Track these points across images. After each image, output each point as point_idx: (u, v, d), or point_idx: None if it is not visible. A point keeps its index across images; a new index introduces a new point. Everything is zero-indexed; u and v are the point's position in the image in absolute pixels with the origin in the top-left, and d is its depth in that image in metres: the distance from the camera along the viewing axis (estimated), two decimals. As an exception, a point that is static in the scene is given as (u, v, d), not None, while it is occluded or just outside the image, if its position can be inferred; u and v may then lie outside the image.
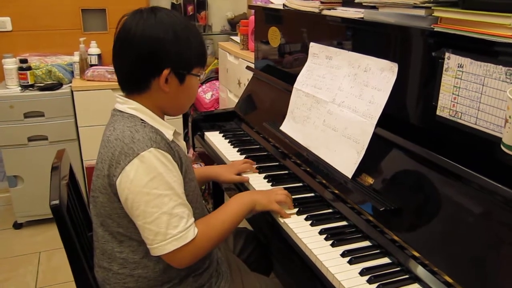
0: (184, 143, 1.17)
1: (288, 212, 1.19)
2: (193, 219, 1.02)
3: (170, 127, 1.08)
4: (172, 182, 0.98)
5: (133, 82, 1.06)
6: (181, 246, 0.98)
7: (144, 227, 0.98)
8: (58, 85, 2.58)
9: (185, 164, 1.07)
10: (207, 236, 1.04)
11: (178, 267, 1.04)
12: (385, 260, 1.02)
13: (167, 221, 0.96)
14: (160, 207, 0.96)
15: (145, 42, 1.00)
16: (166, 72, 1.02)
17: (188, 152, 2.93)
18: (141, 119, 1.03)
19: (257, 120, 1.74)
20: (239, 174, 1.42)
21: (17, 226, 2.68)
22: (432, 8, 1.04)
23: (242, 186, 1.41)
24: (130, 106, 1.05)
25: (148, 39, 1.00)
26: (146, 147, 0.97)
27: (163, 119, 1.09)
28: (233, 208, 1.13)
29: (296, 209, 1.21)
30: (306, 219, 1.17)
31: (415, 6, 1.09)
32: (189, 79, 1.07)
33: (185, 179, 1.06)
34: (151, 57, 1.01)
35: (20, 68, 2.51)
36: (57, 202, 1.05)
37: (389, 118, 1.18)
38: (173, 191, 0.98)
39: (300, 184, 1.36)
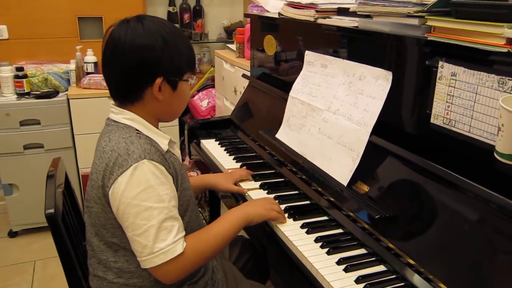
0: (179, 151, 1.16)
1: (283, 220, 1.20)
2: (183, 233, 1.01)
3: (165, 137, 1.08)
4: (163, 195, 0.97)
5: (125, 92, 1.05)
6: (168, 260, 0.96)
7: (133, 239, 0.98)
8: (54, 93, 2.58)
9: (180, 174, 1.07)
10: (197, 250, 1.02)
11: (167, 282, 1.01)
12: (381, 268, 1.02)
13: (155, 234, 0.95)
14: (149, 220, 0.95)
15: (136, 52, 0.99)
16: (159, 80, 1.01)
17: (184, 160, 2.93)
18: (136, 130, 1.03)
19: (253, 128, 1.75)
20: (237, 184, 1.42)
21: (12, 234, 2.66)
22: (426, 17, 1.06)
23: (239, 195, 1.41)
24: (125, 117, 1.05)
25: (138, 49, 0.99)
26: (139, 159, 0.96)
27: (157, 127, 1.09)
28: (226, 222, 1.11)
29: (291, 218, 1.21)
30: (302, 226, 1.17)
31: (409, 16, 1.10)
32: (181, 85, 1.07)
33: (180, 189, 1.06)
34: (143, 67, 1.00)
35: (16, 76, 2.51)
36: (52, 210, 1.04)
37: (384, 126, 1.19)
38: (163, 204, 0.97)
39: (296, 192, 1.36)
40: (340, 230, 1.17)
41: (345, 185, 1.21)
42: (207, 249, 1.05)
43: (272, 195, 1.32)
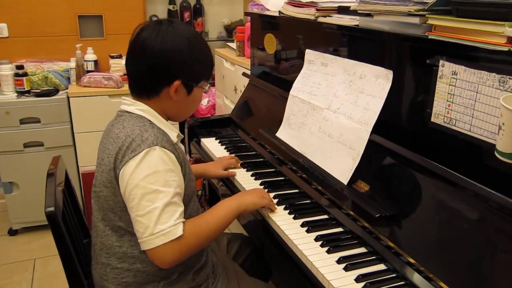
0: (183, 145, 1.20)
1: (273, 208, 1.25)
2: (183, 218, 1.04)
3: (174, 130, 1.13)
4: (170, 181, 1.01)
5: (144, 88, 1.10)
6: (168, 242, 0.99)
7: (136, 220, 1.01)
8: (54, 91, 2.57)
9: (187, 165, 1.12)
10: (194, 234, 1.04)
11: (163, 266, 1.03)
12: (381, 267, 1.02)
13: (158, 215, 0.98)
14: (153, 202, 0.99)
15: (162, 53, 1.05)
16: (177, 83, 1.07)
17: (184, 158, 2.93)
18: (149, 120, 1.08)
19: (253, 127, 1.74)
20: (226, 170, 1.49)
21: (12, 232, 2.66)
22: (426, 16, 1.05)
23: (232, 185, 1.43)
24: (139, 108, 1.09)
25: (166, 51, 1.05)
26: (152, 145, 1.01)
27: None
28: (221, 209, 1.14)
29: (292, 216, 1.21)
30: (302, 225, 1.17)
31: (410, 14, 1.10)
32: (196, 90, 1.13)
33: (187, 179, 1.10)
34: (166, 68, 1.06)
35: (16, 74, 2.50)
36: (52, 208, 1.04)
37: (384, 125, 1.19)
38: (169, 188, 1.01)
39: (296, 191, 1.36)
40: (340, 229, 1.17)
41: (346, 183, 1.21)
42: (203, 234, 1.07)
43: (272, 194, 1.32)
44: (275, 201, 1.28)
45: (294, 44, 1.67)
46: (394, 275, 0.99)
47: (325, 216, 1.22)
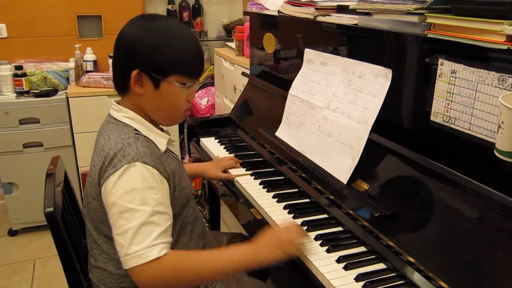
0: (178, 149, 1.17)
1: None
2: (164, 239, 0.96)
3: (164, 136, 1.09)
4: (148, 199, 0.96)
5: (116, 81, 1.09)
6: (141, 264, 0.93)
7: (114, 238, 0.97)
8: (53, 91, 2.57)
9: (177, 174, 1.07)
10: (175, 265, 0.96)
11: (142, 287, 0.97)
12: (381, 266, 1.02)
13: (132, 235, 0.93)
14: (129, 221, 0.94)
15: (123, 42, 1.03)
16: (134, 72, 1.02)
17: (184, 158, 2.93)
18: (135, 130, 1.04)
19: (253, 126, 1.74)
20: (226, 171, 1.47)
21: (12, 233, 2.66)
22: (425, 14, 1.05)
23: (231, 185, 1.42)
24: (125, 115, 1.06)
25: (126, 39, 1.02)
26: (132, 161, 0.97)
27: (157, 127, 1.10)
28: (226, 253, 1.01)
29: (291, 216, 1.21)
30: (302, 224, 1.17)
31: (409, 13, 1.10)
32: (165, 85, 1.03)
33: (178, 188, 1.07)
34: (124, 57, 1.03)
35: (15, 75, 2.50)
36: (51, 209, 1.04)
37: (383, 124, 1.18)
38: (147, 207, 0.95)
39: (296, 190, 1.36)
40: (339, 228, 1.16)
41: (345, 183, 1.21)
42: (186, 270, 0.98)
43: (272, 193, 1.32)
44: (275, 200, 1.28)
45: (293, 44, 1.67)
46: (394, 274, 0.99)
47: (325, 216, 1.22)
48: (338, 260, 1.02)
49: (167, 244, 0.97)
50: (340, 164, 1.25)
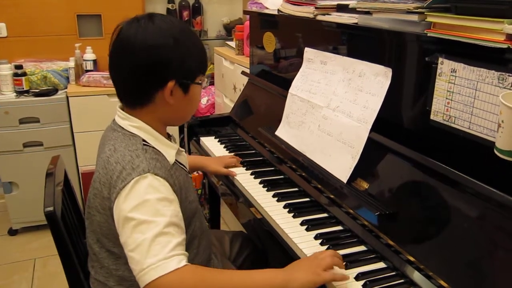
0: (186, 159, 1.12)
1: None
2: (183, 252, 0.90)
3: (173, 146, 1.04)
4: (161, 209, 0.90)
5: (134, 95, 1.00)
6: (158, 278, 0.84)
7: (128, 256, 0.90)
8: (53, 91, 2.57)
9: (184, 187, 1.03)
10: (198, 276, 0.88)
11: None
12: (381, 265, 1.02)
13: (148, 248, 0.86)
14: (143, 233, 0.87)
15: (146, 52, 0.94)
16: (171, 84, 0.96)
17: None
18: (143, 140, 0.99)
19: (253, 125, 1.74)
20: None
21: (12, 232, 2.66)
22: (425, 13, 1.05)
23: (231, 184, 1.42)
24: (133, 124, 1.00)
25: (149, 49, 0.94)
26: (143, 172, 0.91)
27: (165, 132, 1.06)
28: (255, 275, 0.93)
29: (291, 215, 1.21)
30: (302, 223, 1.17)
31: (409, 12, 1.10)
32: (193, 88, 1.01)
33: (185, 203, 1.02)
34: (154, 68, 0.95)
35: (15, 74, 2.50)
36: (51, 208, 1.04)
37: (383, 123, 1.18)
38: (161, 218, 0.89)
39: (296, 189, 1.36)
40: (340, 227, 1.16)
41: (345, 182, 1.21)
42: (211, 279, 0.90)
43: (272, 192, 1.32)
44: (275, 199, 1.28)
45: (293, 43, 1.67)
46: (394, 273, 0.99)
47: (325, 215, 1.22)
48: (338, 259, 1.02)
49: (185, 257, 0.89)
50: (340, 163, 1.25)
